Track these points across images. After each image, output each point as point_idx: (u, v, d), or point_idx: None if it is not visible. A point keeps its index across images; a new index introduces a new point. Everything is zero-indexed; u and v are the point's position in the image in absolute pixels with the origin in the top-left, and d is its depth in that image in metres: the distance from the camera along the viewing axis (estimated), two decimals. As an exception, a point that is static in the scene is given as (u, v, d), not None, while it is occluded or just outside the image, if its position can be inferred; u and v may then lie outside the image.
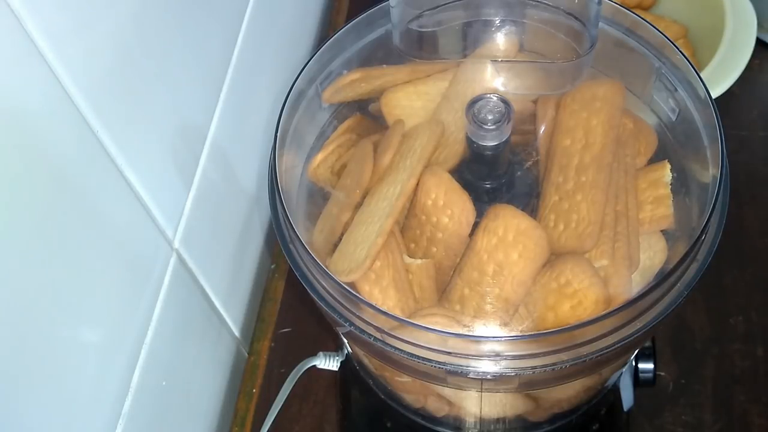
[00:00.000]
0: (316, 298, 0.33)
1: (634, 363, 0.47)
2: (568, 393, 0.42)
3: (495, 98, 0.31)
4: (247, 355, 0.59)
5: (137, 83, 0.41)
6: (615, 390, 0.48)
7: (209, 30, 0.50)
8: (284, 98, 0.37)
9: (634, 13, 0.37)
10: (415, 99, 0.37)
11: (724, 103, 0.58)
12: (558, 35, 0.35)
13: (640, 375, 0.47)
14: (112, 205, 0.40)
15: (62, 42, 0.34)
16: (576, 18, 0.34)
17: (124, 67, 0.40)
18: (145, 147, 0.42)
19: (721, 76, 0.59)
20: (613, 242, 0.33)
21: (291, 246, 0.33)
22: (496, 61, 0.36)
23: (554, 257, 0.33)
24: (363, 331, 0.32)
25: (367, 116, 0.39)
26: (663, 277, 0.31)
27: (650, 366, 0.47)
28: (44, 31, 0.33)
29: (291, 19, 0.68)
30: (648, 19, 0.37)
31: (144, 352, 0.44)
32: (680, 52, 0.36)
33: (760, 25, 0.62)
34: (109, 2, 0.38)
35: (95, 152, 0.38)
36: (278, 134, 0.35)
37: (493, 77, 0.36)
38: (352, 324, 0.32)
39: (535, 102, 0.37)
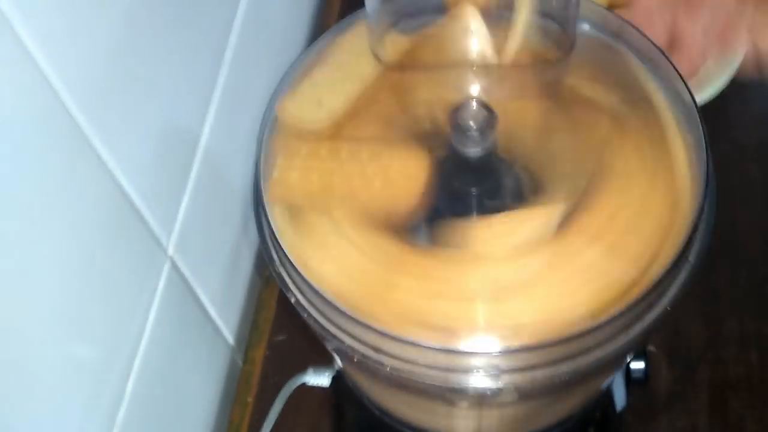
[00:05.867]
0: (304, 315, 0.33)
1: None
2: (565, 399, 0.42)
3: (476, 104, 0.31)
4: (241, 363, 0.59)
5: (129, 89, 0.41)
6: (609, 392, 0.48)
7: (201, 34, 0.50)
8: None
9: (618, 16, 0.37)
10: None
11: (717, 105, 0.58)
12: (537, 38, 0.35)
13: (632, 375, 0.47)
14: (106, 213, 0.40)
15: (54, 47, 0.34)
16: (554, 20, 0.34)
17: (116, 72, 0.40)
18: (138, 153, 0.43)
19: (714, 78, 0.59)
20: None
21: (281, 269, 0.33)
22: (475, 66, 0.36)
23: None
24: (355, 350, 0.32)
25: None
26: (657, 281, 0.31)
27: (641, 366, 0.47)
28: (36, 35, 0.33)
29: (283, 22, 0.69)
30: (637, 23, 0.37)
31: (138, 360, 0.44)
32: (665, 56, 0.36)
33: (751, 29, 0.62)
34: (101, 7, 0.38)
35: (88, 158, 0.38)
36: (261, 153, 0.35)
37: (473, 82, 0.36)
38: (343, 343, 0.32)
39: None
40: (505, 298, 0.33)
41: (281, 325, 0.60)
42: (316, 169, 0.35)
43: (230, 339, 0.58)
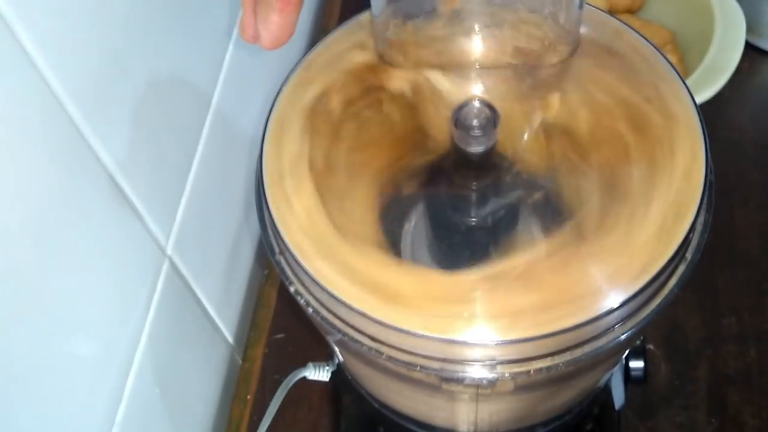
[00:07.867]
0: (305, 307, 0.33)
1: (624, 361, 0.48)
2: (563, 393, 0.43)
3: (479, 104, 0.32)
4: (240, 361, 0.60)
5: (128, 89, 0.41)
6: (607, 389, 0.48)
7: (201, 35, 0.50)
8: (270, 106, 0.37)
9: (618, 19, 0.37)
10: None
11: (714, 106, 0.58)
12: (540, 41, 0.35)
13: (631, 373, 0.48)
14: (104, 212, 0.40)
15: (52, 48, 0.34)
16: (558, 21, 0.34)
17: (114, 72, 0.40)
18: (137, 153, 0.43)
19: (711, 79, 0.59)
20: None
21: (280, 258, 0.34)
22: (479, 67, 0.36)
23: None
24: (356, 341, 0.32)
25: None
26: (654, 276, 0.31)
27: (641, 364, 0.47)
28: (34, 36, 0.33)
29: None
30: (636, 25, 0.38)
31: (137, 359, 0.44)
32: (665, 58, 0.36)
33: (749, 29, 0.62)
34: (100, 7, 0.38)
35: (86, 159, 0.38)
36: (265, 141, 0.35)
37: (477, 83, 0.36)
38: (345, 334, 0.32)
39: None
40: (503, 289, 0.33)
41: (280, 324, 0.60)
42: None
43: (229, 337, 0.58)
